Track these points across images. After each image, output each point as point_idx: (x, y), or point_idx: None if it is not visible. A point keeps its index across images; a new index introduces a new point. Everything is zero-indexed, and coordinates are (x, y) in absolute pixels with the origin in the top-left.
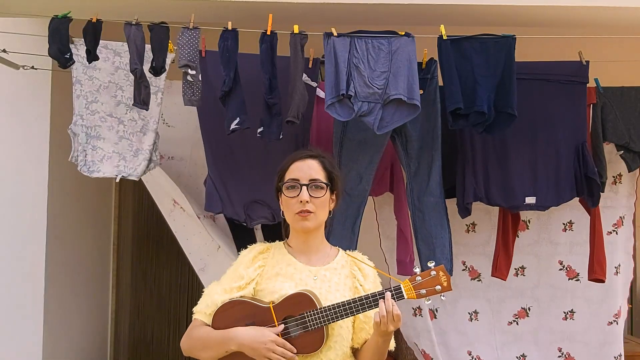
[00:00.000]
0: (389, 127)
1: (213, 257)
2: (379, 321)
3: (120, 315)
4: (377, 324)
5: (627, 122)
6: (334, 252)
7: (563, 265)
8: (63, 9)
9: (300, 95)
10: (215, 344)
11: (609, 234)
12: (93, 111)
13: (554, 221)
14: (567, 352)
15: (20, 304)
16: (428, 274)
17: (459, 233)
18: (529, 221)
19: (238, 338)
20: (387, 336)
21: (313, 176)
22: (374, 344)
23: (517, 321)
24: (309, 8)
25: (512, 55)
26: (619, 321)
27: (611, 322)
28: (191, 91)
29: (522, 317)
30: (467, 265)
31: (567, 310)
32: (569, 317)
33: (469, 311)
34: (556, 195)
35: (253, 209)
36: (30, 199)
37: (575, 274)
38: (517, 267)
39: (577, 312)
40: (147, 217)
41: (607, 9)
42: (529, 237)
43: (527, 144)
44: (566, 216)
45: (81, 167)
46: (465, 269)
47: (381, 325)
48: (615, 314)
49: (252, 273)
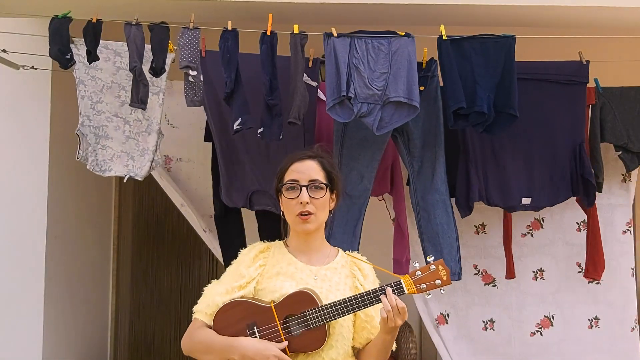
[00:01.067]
0: (388, 128)
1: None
2: (385, 317)
3: (120, 315)
4: (385, 320)
5: (626, 122)
6: (334, 252)
7: (581, 268)
8: (63, 9)
9: (301, 96)
10: (218, 350)
11: (624, 233)
12: (99, 111)
13: (567, 220)
14: None
15: (20, 304)
16: (428, 268)
17: (467, 234)
18: (542, 219)
19: (242, 348)
20: (394, 332)
21: (312, 177)
22: (381, 342)
23: (541, 331)
24: (309, 8)
25: (512, 56)
26: (637, 326)
27: (633, 328)
28: (193, 92)
29: (547, 327)
30: (479, 268)
31: (591, 318)
32: (594, 325)
33: (484, 319)
34: (551, 195)
35: (256, 197)
36: (30, 199)
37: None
38: (536, 270)
39: (602, 318)
40: (147, 217)
41: (607, 9)
42: (545, 234)
43: (526, 144)
44: (579, 215)
45: (93, 167)
46: (478, 272)
47: (389, 321)
48: (635, 319)
49: (253, 272)
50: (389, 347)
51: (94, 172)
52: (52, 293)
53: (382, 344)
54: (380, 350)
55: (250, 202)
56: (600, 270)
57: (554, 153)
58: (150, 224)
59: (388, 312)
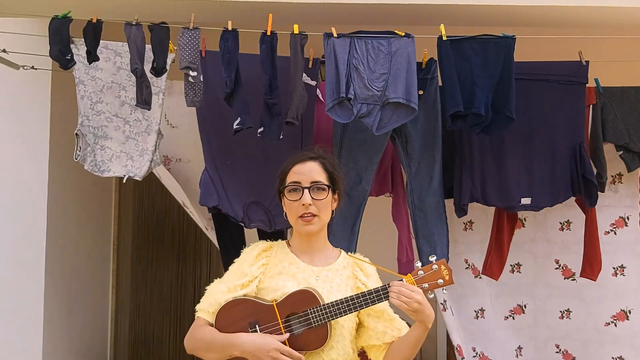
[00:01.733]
0: (388, 128)
1: None
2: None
3: (120, 315)
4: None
5: (627, 122)
6: (336, 254)
7: (559, 265)
8: (63, 9)
9: (299, 96)
10: (219, 348)
11: (607, 234)
12: (99, 112)
13: (550, 220)
14: (565, 349)
15: (20, 304)
16: (430, 267)
17: (457, 230)
18: (524, 219)
19: (242, 344)
20: (428, 323)
21: (314, 178)
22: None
23: (512, 316)
24: (309, 8)
25: (511, 57)
26: (617, 323)
27: (609, 323)
28: (193, 92)
29: (518, 313)
30: (469, 263)
31: (563, 310)
32: (566, 316)
33: (476, 309)
34: (551, 195)
35: (252, 210)
36: (30, 199)
37: (571, 273)
38: (513, 264)
39: (574, 311)
40: (147, 217)
41: (607, 9)
42: (525, 235)
43: (525, 145)
44: (563, 215)
45: (92, 168)
46: (469, 267)
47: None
48: (614, 316)
49: (256, 271)
50: (419, 343)
51: (92, 172)
52: (52, 293)
53: (413, 341)
54: (409, 346)
55: (247, 217)
56: (596, 271)
57: (553, 153)
58: (150, 224)
59: (399, 297)
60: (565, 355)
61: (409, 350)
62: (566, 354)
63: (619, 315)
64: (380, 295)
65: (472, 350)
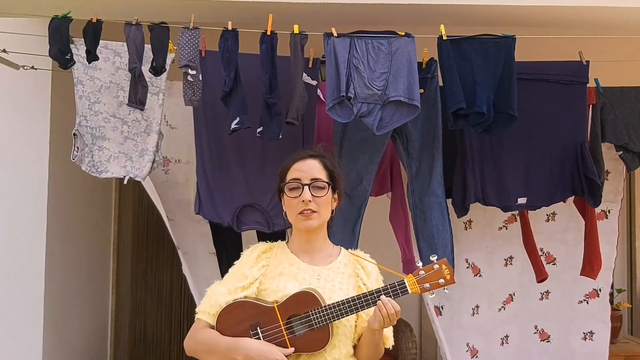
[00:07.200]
0: (388, 128)
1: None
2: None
3: (120, 315)
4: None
5: (627, 122)
6: (337, 252)
7: (543, 252)
8: (63, 9)
9: (299, 96)
10: (222, 351)
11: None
12: (96, 112)
13: (538, 212)
14: (542, 329)
15: (20, 304)
16: (431, 267)
17: (458, 230)
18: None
19: (246, 349)
20: (382, 327)
21: (314, 176)
22: (370, 337)
23: (504, 307)
24: (309, 8)
25: (511, 56)
26: (590, 301)
27: (581, 301)
28: (192, 91)
29: (508, 303)
30: (470, 262)
31: (543, 292)
32: (545, 297)
33: (472, 307)
34: (547, 196)
35: (245, 213)
36: (30, 198)
37: (552, 258)
38: (507, 258)
39: (552, 292)
40: (147, 217)
41: (607, 9)
42: (517, 229)
43: (525, 145)
44: (550, 208)
45: (89, 169)
46: (469, 266)
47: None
48: (587, 294)
49: (256, 272)
50: (379, 341)
51: (90, 173)
52: (52, 293)
53: (372, 338)
54: (370, 344)
55: (238, 220)
56: (596, 269)
57: (553, 153)
58: (150, 224)
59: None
60: (542, 334)
61: (370, 347)
62: (542, 333)
63: (591, 294)
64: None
65: (466, 346)
